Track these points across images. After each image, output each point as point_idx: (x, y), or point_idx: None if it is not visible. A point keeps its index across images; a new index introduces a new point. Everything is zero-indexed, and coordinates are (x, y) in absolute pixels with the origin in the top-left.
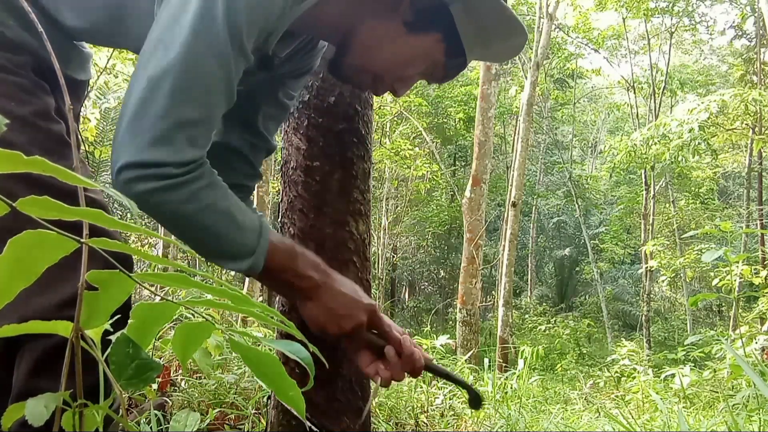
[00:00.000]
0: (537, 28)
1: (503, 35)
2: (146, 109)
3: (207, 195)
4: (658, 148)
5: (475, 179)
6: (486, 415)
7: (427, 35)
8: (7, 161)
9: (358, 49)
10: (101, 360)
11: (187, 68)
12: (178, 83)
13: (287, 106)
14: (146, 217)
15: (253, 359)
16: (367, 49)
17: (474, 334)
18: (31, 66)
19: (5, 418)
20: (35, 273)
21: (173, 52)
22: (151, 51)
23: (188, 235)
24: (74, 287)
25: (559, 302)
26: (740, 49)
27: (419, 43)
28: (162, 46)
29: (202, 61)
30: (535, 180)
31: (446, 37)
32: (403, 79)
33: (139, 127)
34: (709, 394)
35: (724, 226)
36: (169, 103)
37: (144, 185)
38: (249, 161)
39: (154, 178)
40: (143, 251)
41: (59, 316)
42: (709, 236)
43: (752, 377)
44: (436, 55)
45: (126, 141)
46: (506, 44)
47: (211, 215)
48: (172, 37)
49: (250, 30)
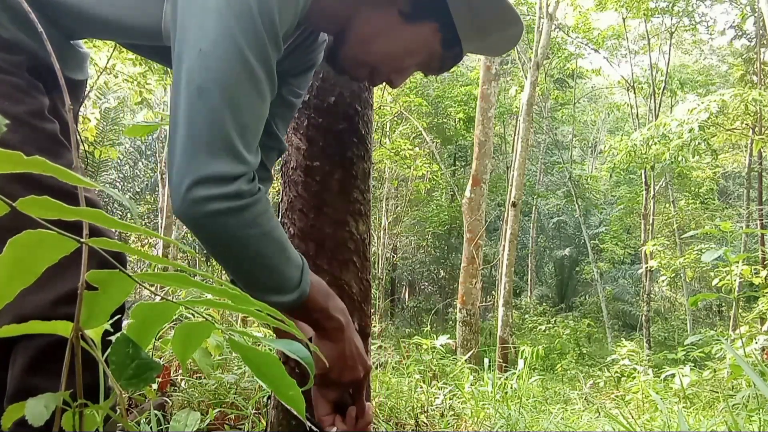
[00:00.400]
0: (537, 28)
1: (499, 25)
2: (199, 121)
3: (267, 221)
4: (658, 148)
5: (475, 179)
6: (486, 415)
7: (423, 25)
8: (7, 161)
9: (355, 39)
10: (101, 360)
11: (231, 72)
12: (226, 88)
13: (294, 104)
14: (145, 217)
15: (253, 359)
16: (363, 40)
17: (474, 334)
18: (26, 66)
19: (5, 418)
20: (35, 273)
21: (214, 56)
22: (188, 57)
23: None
24: (70, 284)
25: (559, 302)
26: (740, 49)
27: (416, 33)
28: (198, 51)
29: (245, 63)
30: (535, 180)
31: (443, 27)
32: (400, 69)
33: (197, 141)
34: (709, 394)
35: (724, 226)
36: (222, 111)
37: (218, 204)
38: (262, 163)
39: (229, 198)
40: (143, 251)
41: (55, 313)
42: (709, 236)
43: (752, 377)
44: (433, 45)
45: (187, 157)
46: (502, 34)
47: (269, 243)
48: (208, 40)
49: (283, 23)
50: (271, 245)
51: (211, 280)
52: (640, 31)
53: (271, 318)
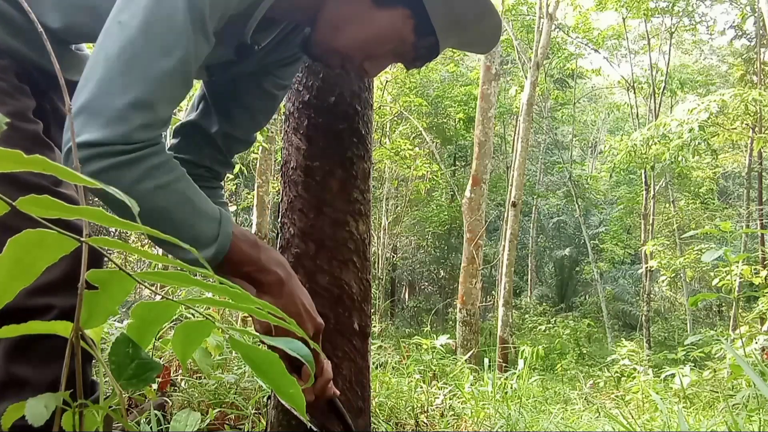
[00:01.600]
0: (537, 28)
1: (474, 15)
2: (101, 89)
3: (162, 174)
4: (658, 148)
5: (475, 179)
6: (486, 415)
7: (394, 10)
8: (7, 159)
9: (326, 27)
10: (101, 359)
11: (141, 47)
12: (132, 63)
13: (277, 96)
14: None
15: (253, 358)
16: (334, 27)
17: (474, 334)
18: (14, 70)
19: (5, 418)
20: (35, 273)
21: (128, 30)
22: (108, 30)
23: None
24: (46, 275)
25: (559, 302)
26: (740, 49)
27: (386, 19)
28: (118, 24)
29: (158, 41)
30: (535, 180)
31: (415, 14)
32: (373, 57)
33: (94, 107)
34: (709, 394)
35: (724, 226)
36: (124, 83)
37: (97, 164)
38: (219, 148)
39: (106, 156)
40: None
41: (31, 302)
42: (709, 236)
43: (752, 377)
44: (405, 33)
45: (81, 122)
46: (480, 26)
47: (167, 196)
48: (130, 16)
49: (213, 11)
50: (170, 197)
51: (211, 279)
52: (640, 31)
53: (271, 316)
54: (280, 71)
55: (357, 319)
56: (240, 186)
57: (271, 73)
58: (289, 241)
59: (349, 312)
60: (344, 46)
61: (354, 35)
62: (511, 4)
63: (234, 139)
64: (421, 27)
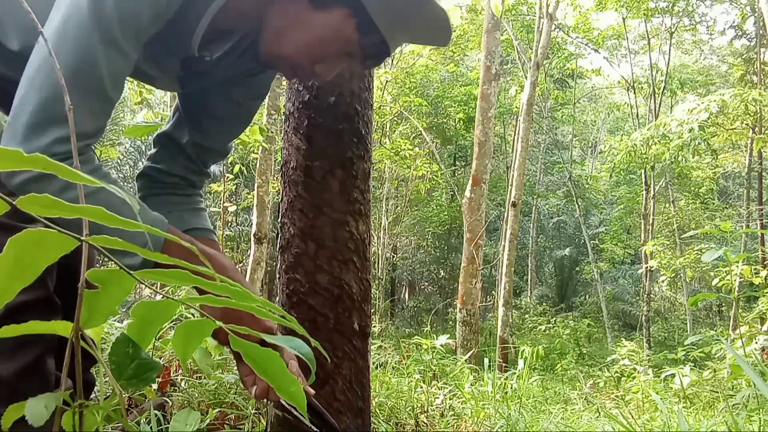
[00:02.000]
0: (537, 28)
1: (411, 5)
2: (19, 106)
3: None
4: (658, 148)
5: (475, 179)
6: (486, 415)
7: (334, 11)
8: (7, 159)
9: (270, 34)
10: (101, 359)
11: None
12: (45, 80)
13: (248, 105)
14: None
15: (254, 356)
16: (277, 34)
17: (474, 334)
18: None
19: (5, 418)
20: (35, 273)
21: (43, 50)
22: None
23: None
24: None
25: (559, 302)
26: (740, 49)
27: (327, 20)
28: (37, 44)
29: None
30: (535, 180)
31: (355, 12)
32: (321, 60)
33: (12, 123)
34: (709, 394)
35: (724, 226)
36: (38, 99)
37: (19, 177)
38: (190, 157)
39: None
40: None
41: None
42: (709, 236)
43: (752, 377)
44: (348, 32)
45: (5, 137)
46: (421, 17)
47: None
48: (48, 35)
49: (124, 27)
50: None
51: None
52: (640, 31)
53: (272, 315)
54: (249, 81)
55: (357, 319)
56: (240, 186)
57: (240, 83)
58: (289, 241)
59: (349, 312)
60: (290, 52)
61: (297, 40)
62: (511, 4)
63: (205, 149)
64: (363, 25)
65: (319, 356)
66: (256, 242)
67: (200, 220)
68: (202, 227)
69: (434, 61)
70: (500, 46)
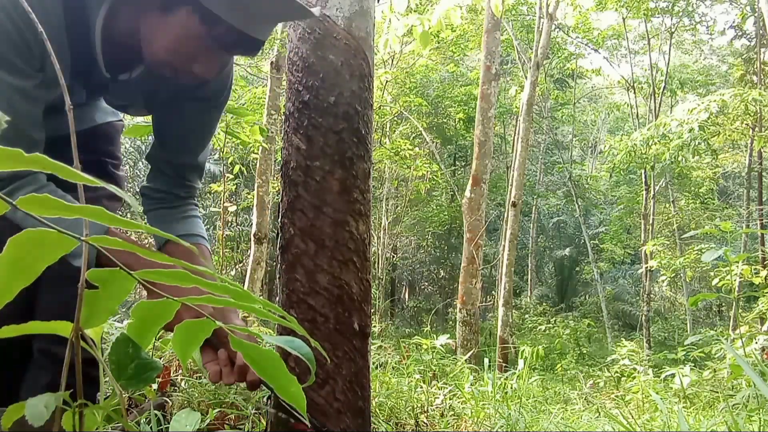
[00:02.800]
0: (537, 28)
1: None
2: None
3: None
4: (658, 148)
5: (475, 179)
6: (486, 415)
7: (179, 11)
8: (7, 159)
9: (145, 44)
10: (101, 359)
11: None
12: None
13: (204, 116)
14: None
15: (254, 356)
16: (147, 43)
17: (474, 334)
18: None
19: (5, 418)
20: (35, 273)
21: None
22: None
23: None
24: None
25: (559, 302)
26: (740, 49)
27: (176, 21)
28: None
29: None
30: (535, 180)
31: (194, 7)
32: (192, 59)
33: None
34: (709, 394)
35: (724, 226)
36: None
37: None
38: (167, 174)
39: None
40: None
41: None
42: (709, 236)
43: (752, 377)
44: (194, 27)
45: None
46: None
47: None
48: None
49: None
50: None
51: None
52: (640, 31)
53: (272, 315)
54: (196, 93)
55: (357, 319)
56: (240, 186)
57: (189, 98)
58: (289, 241)
59: (349, 312)
60: (163, 57)
61: (162, 45)
62: (511, 4)
63: (176, 165)
64: (206, 17)
65: (318, 356)
66: (256, 242)
67: (186, 226)
68: (187, 233)
69: (434, 61)
70: (500, 46)
